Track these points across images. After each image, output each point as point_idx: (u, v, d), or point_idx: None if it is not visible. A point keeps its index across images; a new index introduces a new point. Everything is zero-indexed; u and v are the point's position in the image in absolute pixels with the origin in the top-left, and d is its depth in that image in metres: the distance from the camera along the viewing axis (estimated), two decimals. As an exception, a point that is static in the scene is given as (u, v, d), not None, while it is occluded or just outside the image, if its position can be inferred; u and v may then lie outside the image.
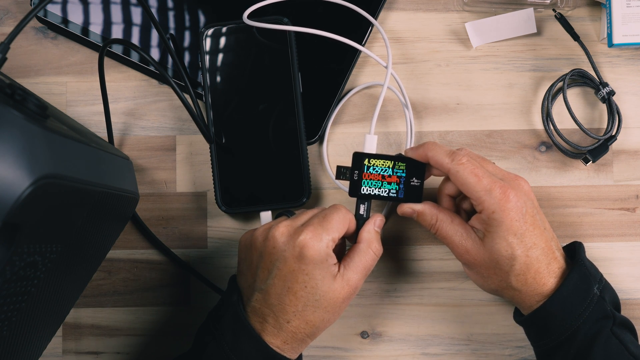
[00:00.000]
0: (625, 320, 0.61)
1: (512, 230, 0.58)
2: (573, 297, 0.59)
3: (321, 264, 0.58)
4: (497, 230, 0.59)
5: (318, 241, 0.57)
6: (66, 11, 0.70)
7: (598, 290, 0.60)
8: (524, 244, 0.59)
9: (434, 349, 0.70)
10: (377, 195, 0.63)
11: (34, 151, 0.43)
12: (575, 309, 0.59)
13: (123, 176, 0.61)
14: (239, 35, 0.69)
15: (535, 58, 0.72)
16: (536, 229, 0.59)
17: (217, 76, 0.69)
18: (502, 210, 0.58)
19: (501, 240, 0.59)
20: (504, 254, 0.59)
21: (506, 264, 0.59)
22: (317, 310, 0.58)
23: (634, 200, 0.71)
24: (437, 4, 0.73)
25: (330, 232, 0.58)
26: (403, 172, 0.63)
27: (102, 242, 0.64)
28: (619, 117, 0.70)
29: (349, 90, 0.72)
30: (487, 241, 0.60)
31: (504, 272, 0.60)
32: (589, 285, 0.59)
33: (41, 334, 0.59)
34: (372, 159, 0.63)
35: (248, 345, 0.58)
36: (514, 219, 0.58)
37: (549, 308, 0.59)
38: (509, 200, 0.58)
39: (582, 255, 0.62)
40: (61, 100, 0.71)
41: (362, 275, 0.60)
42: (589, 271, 0.60)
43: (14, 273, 0.45)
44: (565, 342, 0.60)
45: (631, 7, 0.68)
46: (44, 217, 0.46)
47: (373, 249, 0.61)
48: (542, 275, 0.59)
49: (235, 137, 0.69)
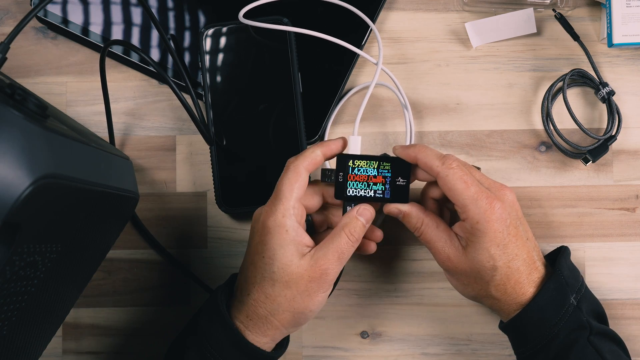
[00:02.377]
0: (605, 330, 0.61)
1: (495, 242, 0.58)
2: (548, 307, 0.59)
3: (279, 234, 0.57)
4: (479, 241, 0.58)
5: (273, 212, 0.58)
6: (66, 11, 0.70)
7: (575, 300, 0.60)
8: (506, 255, 0.58)
9: (434, 349, 0.70)
10: (364, 197, 0.62)
11: (34, 151, 0.43)
12: (550, 319, 0.59)
13: (123, 176, 0.61)
14: (239, 35, 0.69)
15: (535, 58, 0.72)
16: (519, 240, 0.59)
17: (217, 76, 0.69)
18: (487, 221, 0.58)
19: (483, 251, 0.58)
20: (486, 264, 0.59)
21: (487, 274, 0.59)
22: (276, 283, 0.57)
23: (634, 200, 0.71)
24: (437, 4, 0.73)
25: (284, 199, 0.58)
26: (388, 172, 0.62)
27: (102, 242, 0.64)
28: (619, 117, 0.70)
29: (348, 90, 0.72)
30: (469, 250, 0.59)
31: (485, 282, 0.60)
32: (564, 295, 0.59)
33: (41, 334, 0.59)
34: (357, 160, 0.62)
35: (216, 320, 0.58)
36: (497, 231, 0.58)
37: (524, 317, 0.60)
38: (494, 211, 0.58)
39: (563, 263, 0.61)
40: (61, 100, 0.71)
41: (334, 259, 0.57)
42: (567, 281, 0.60)
43: (14, 273, 0.45)
44: (541, 350, 0.60)
45: (631, 7, 0.68)
46: (44, 217, 0.46)
47: (346, 232, 0.58)
48: (522, 285, 0.60)
49: (235, 137, 0.69)
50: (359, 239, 0.59)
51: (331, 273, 0.58)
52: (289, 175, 0.59)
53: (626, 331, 0.70)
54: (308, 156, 0.60)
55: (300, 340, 0.70)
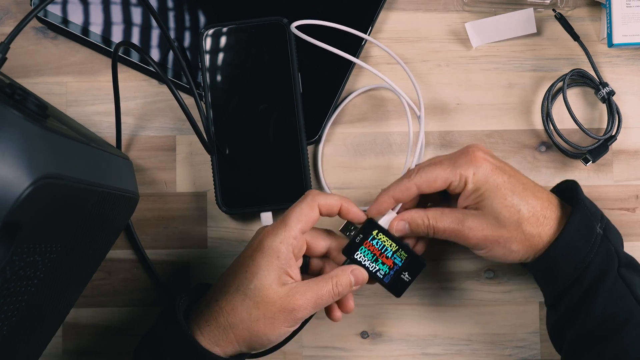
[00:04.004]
0: (631, 261, 0.60)
1: (499, 180, 0.59)
2: (577, 239, 0.58)
3: (270, 257, 0.57)
4: (485, 189, 0.59)
5: (274, 236, 0.58)
6: (66, 11, 0.70)
7: (601, 229, 0.59)
8: (515, 187, 0.59)
9: (434, 349, 0.70)
10: (366, 267, 0.62)
11: (34, 151, 0.43)
12: (580, 250, 0.58)
13: (123, 176, 0.61)
14: (239, 36, 0.69)
15: (535, 58, 0.72)
16: (517, 173, 0.60)
17: (217, 76, 0.69)
18: (477, 168, 0.58)
19: (494, 196, 0.59)
20: (504, 205, 0.58)
21: (512, 214, 0.58)
22: (247, 299, 0.57)
23: (634, 200, 0.71)
24: (437, 4, 0.73)
25: (288, 227, 0.58)
26: (401, 261, 0.62)
27: (102, 242, 0.64)
28: (619, 117, 0.70)
29: (349, 91, 0.72)
30: (486, 211, 0.59)
31: (516, 224, 0.59)
32: (591, 225, 0.59)
33: (41, 333, 0.59)
34: (381, 234, 0.62)
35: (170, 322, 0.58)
36: (491, 169, 0.59)
37: (554, 252, 0.59)
38: (477, 158, 0.59)
39: (581, 194, 0.61)
40: (61, 100, 0.71)
41: (311, 300, 0.57)
42: (590, 211, 0.59)
43: (14, 273, 0.45)
44: (573, 285, 0.59)
45: (631, 7, 0.68)
46: (44, 217, 0.46)
47: (334, 282, 0.58)
48: (548, 219, 0.59)
49: (235, 138, 0.69)
50: (341, 295, 0.59)
51: (302, 312, 0.57)
52: (302, 206, 0.59)
53: (626, 331, 0.70)
54: (329, 198, 0.60)
55: (300, 341, 0.70)
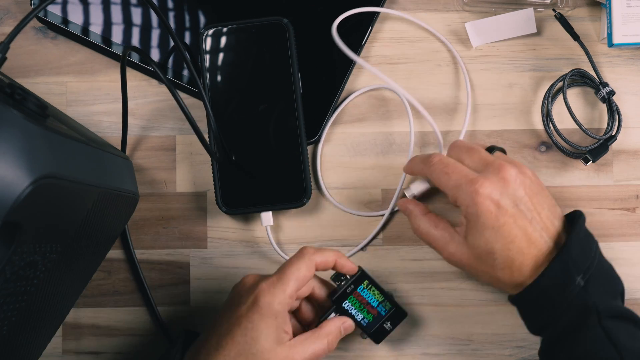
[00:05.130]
0: (620, 312, 0.58)
1: (488, 224, 0.57)
2: (551, 289, 0.57)
3: (268, 318, 0.57)
4: (473, 226, 0.58)
5: (272, 295, 0.57)
6: (66, 11, 0.70)
7: (583, 280, 0.57)
8: (502, 237, 0.57)
9: (434, 349, 0.70)
10: (352, 315, 0.65)
11: (34, 151, 0.43)
12: (551, 301, 0.57)
13: (123, 176, 0.61)
14: (239, 36, 0.69)
15: (535, 58, 0.72)
16: (519, 220, 0.58)
17: (217, 76, 0.69)
18: (475, 204, 0.57)
19: (479, 236, 0.58)
20: (484, 249, 0.58)
21: (488, 259, 0.58)
22: None
23: (634, 200, 0.71)
24: (437, 4, 0.73)
25: (286, 287, 0.58)
26: (385, 312, 0.65)
27: (102, 242, 0.64)
28: (619, 117, 0.70)
29: (349, 91, 0.72)
30: (468, 239, 0.59)
31: (490, 267, 0.59)
32: (569, 276, 0.57)
33: (41, 333, 0.59)
34: (371, 284, 0.65)
35: None
36: (488, 211, 0.57)
37: (527, 297, 0.58)
38: (478, 193, 0.57)
39: (573, 239, 0.58)
40: (61, 100, 0.71)
41: (308, 358, 0.58)
42: (574, 260, 0.57)
43: (14, 273, 0.45)
44: (546, 327, 0.59)
45: (631, 7, 0.68)
46: (44, 217, 0.46)
47: (329, 340, 0.60)
48: (525, 266, 0.58)
49: (236, 138, 0.68)
50: (334, 348, 0.61)
51: None
52: (300, 266, 0.59)
53: (626, 331, 0.70)
54: (325, 255, 0.61)
55: (300, 340, 0.70)
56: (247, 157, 0.69)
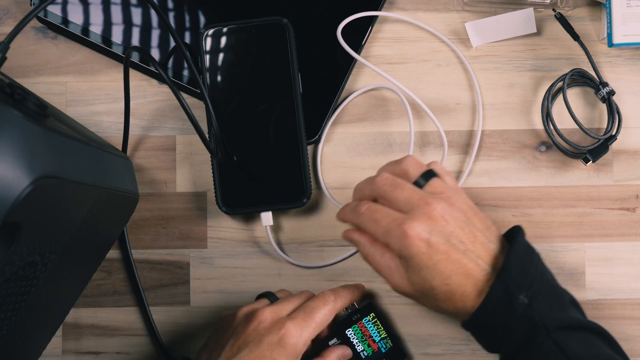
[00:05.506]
0: (570, 322, 0.57)
1: (423, 264, 0.57)
2: (496, 313, 0.57)
3: (292, 357, 0.58)
4: (410, 265, 0.57)
5: (299, 336, 0.59)
6: (66, 11, 0.70)
7: (526, 297, 0.56)
8: (439, 274, 0.57)
9: (434, 349, 0.70)
10: (351, 344, 0.66)
11: (34, 150, 0.43)
12: (498, 324, 0.57)
13: (123, 176, 0.61)
14: (239, 36, 0.69)
15: (535, 58, 0.72)
16: (452, 254, 0.57)
17: (217, 76, 0.69)
18: (406, 247, 0.56)
19: (416, 275, 0.57)
20: (424, 286, 0.58)
21: (429, 294, 0.58)
22: None
23: (634, 200, 0.71)
24: (437, 4, 0.73)
25: (313, 328, 0.60)
26: (385, 349, 0.67)
27: (102, 242, 0.64)
28: (619, 116, 0.70)
29: (349, 91, 0.72)
30: (407, 275, 0.58)
31: (433, 300, 0.59)
32: (512, 297, 0.56)
33: (41, 333, 0.59)
34: (377, 318, 0.67)
35: None
36: (420, 252, 0.56)
37: (474, 322, 0.58)
38: (407, 235, 0.56)
39: (511, 259, 0.57)
40: (61, 100, 0.71)
41: None
42: (515, 280, 0.56)
43: (14, 273, 0.45)
44: (500, 348, 0.58)
45: (631, 7, 0.68)
46: (44, 217, 0.46)
47: None
48: (470, 297, 0.57)
49: (236, 138, 0.68)
50: None
51: None
52: (326, 311, 0.63)
53: (626, 331, 0.70)
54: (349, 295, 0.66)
55: (300, 340, 0.70)
56: (247, 157, 0.68)
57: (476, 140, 0.71)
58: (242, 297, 0.70)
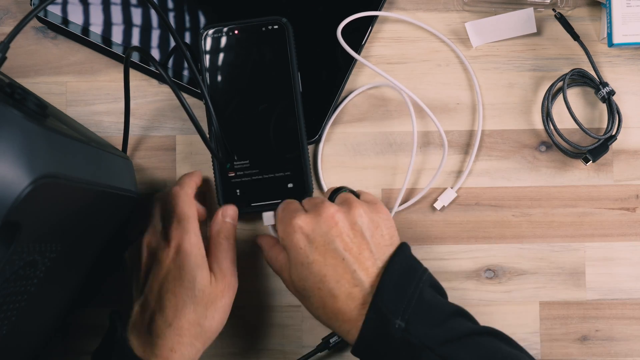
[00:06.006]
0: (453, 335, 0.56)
1: (299, 260, 0.58)
2: (375, 341, 0.56)
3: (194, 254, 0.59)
4: (290, 260, 0.58)
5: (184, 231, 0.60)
6: (66, 11, 0.70)
7: (403, 321, 0.55)
8: (312, 275, 0.57)
9: (434, 349, 0.70)
10: None
11: (34, 150, 0.43)
12: (378, 351, 0.56)
13: (123, 176, 0.61)
14: (238, 36, 0.69)
15: (535, 58, 0.72)
16: (329, 259, 0.57)
17: (217, 77, 0.69)
18: (287, 236, 0.58)
19: (295, 271, 0.58)
20: (297, 284, 0.58)
21: (303, 294, 0.58)
22: (198, 307, 0.59)
23: (634, 200, 0.71)
24: (437, 4, 0.73)
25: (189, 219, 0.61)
26: None
27: (102, 242, 0.64)
28: (619, 116, 0.70)
29: (350, 91, 0.72)
30: (290, 271, 0.59)
31: (308, 304, 0.59)
32: (386, 324, 0.55)
33: (41, 333, 0.59)
34: None
35: None
36: (298, 246, 0.57)
37: (358, 352, 0.57)
38: (291, 224, 0.58)
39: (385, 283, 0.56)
40: (61, 100, 0.71)
41: (231, 266, 0.61)
42: (387, 306, 0.55)
43: (14, 272, 0.45)
44: None
45: (631, 7, 0.68)
46: (44, 216, 0.46)
47: (222, 237, 0.62)
48: (345, 314, 0.57)
49: (236, 138, 0.68)
50: (235, 235, 0.64)
51: (234, 281, 0.62)
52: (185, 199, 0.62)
53: (626, 331, 0.70)
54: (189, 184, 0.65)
55: (300, 341, 0.70)
56: (247, 156, 0.68)
57: (476, 140, 0.71)
58: (242, 297, 0.70)
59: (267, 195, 0.68)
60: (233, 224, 0.64)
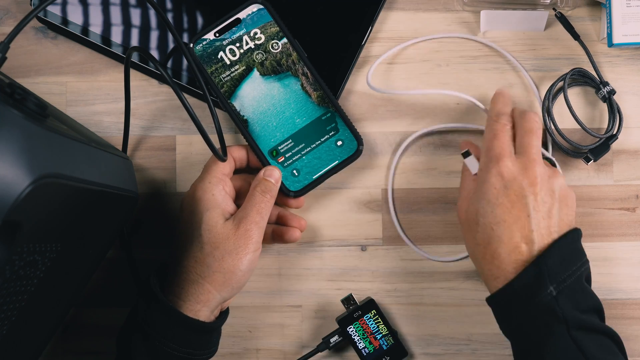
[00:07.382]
0: (592, 326, 0.58)
1: (487, 196, 0.59)
2: (522, 293, 0.57)
3: (204, 199, 0.62)
4: (478, 189, 0.60)
5: (199, 180, 0.64)
6: (66, 11, 0.70)
7: (555, 290, 0.57)
8: (492, 215, 0.59)
9: (434, 349, 0.70)
10: (353, 341, 0.67)
11: (34, 150, 0.43)
12: (521, 305, 0.57)
13: (123, 176, 0.61)
14: (225, 34, 0.68)
15: (535, 58, 0.72)
16: (515, 210, 0.58)
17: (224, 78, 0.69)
18: (488, 170, 0.60)
19: (476, 202, 0.60)
20: (473, 215, 0.60)
21: (473, 226, 0.60)
22: (204, 245, 0.61)
23: (634, 200, 0.71)
24: (437, 4, 0.73)
25: (209, 170, 0.63)
26: (387, 346, 0.67)
27: (102, 242, 0.64)
28: (619, 115, 0.70)
29: (350, 91, 0.71)
30: (471, 198, 0.61)
31: (471, 236, 0.61)
32: (541, 284, 0.57)
33: (41, 333, 0.59)
34: (378, 316, 0.68)
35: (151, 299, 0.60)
36: (492, 185, 0.59)
37: (499, 298, 0.59)
38: (497, 164, 0.59)
39: (554, 250, 0.58)
40: (61, 100, 0.71)
41: (255, 217, 0.61)
42: (549, 269, 0.57)
43: (14, 272, 0.45)
44: (513, 334, 0.59)
45: (631, 7, 0.68)
46: (44, 216, 0.46)
47: (259, 190, 0.63)
48: (501, 261, 0.58)
49: (263, 122, 0.68)
50: (274, 196, 0.63)
51: (254, 231, 0.61)
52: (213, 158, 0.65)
53: (626, 331, 0.70)
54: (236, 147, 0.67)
55: (300, 341, 0.70)
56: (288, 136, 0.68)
57: (477, 140, 0.71)
58: (242, 296, 0.70)
59: (323, 163, 0.68)
60: (273, 183, 0.64)
